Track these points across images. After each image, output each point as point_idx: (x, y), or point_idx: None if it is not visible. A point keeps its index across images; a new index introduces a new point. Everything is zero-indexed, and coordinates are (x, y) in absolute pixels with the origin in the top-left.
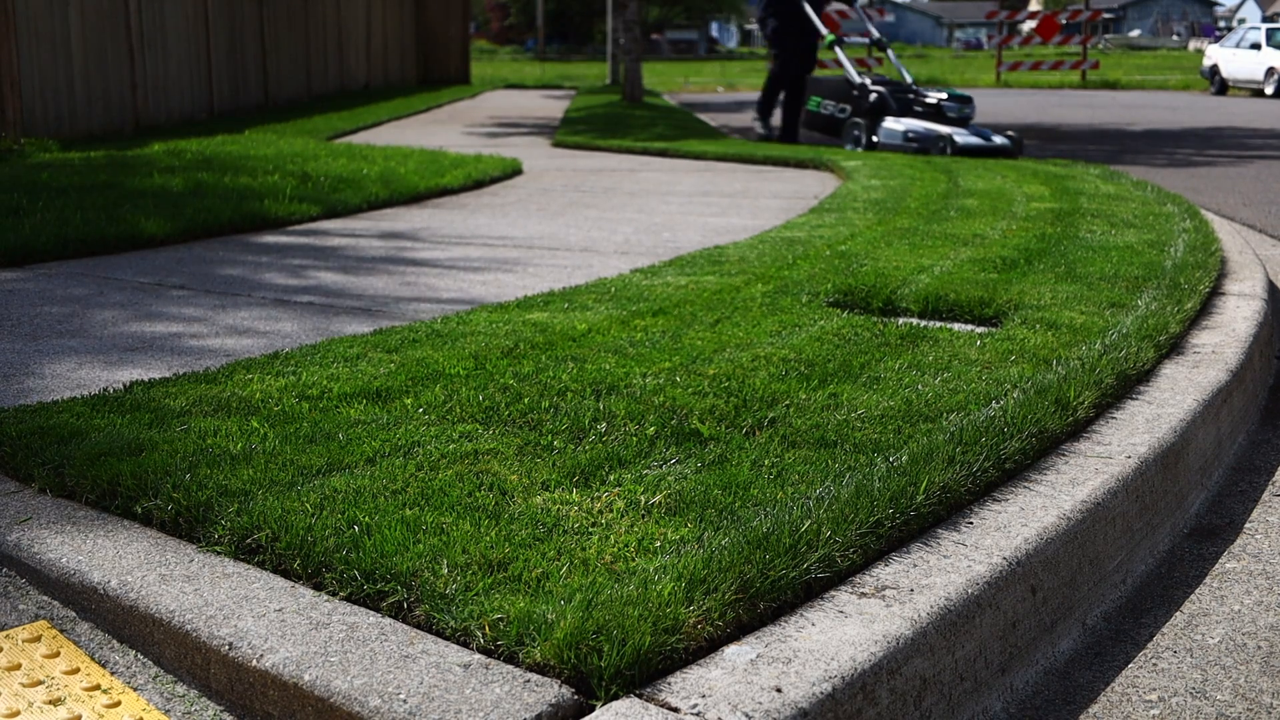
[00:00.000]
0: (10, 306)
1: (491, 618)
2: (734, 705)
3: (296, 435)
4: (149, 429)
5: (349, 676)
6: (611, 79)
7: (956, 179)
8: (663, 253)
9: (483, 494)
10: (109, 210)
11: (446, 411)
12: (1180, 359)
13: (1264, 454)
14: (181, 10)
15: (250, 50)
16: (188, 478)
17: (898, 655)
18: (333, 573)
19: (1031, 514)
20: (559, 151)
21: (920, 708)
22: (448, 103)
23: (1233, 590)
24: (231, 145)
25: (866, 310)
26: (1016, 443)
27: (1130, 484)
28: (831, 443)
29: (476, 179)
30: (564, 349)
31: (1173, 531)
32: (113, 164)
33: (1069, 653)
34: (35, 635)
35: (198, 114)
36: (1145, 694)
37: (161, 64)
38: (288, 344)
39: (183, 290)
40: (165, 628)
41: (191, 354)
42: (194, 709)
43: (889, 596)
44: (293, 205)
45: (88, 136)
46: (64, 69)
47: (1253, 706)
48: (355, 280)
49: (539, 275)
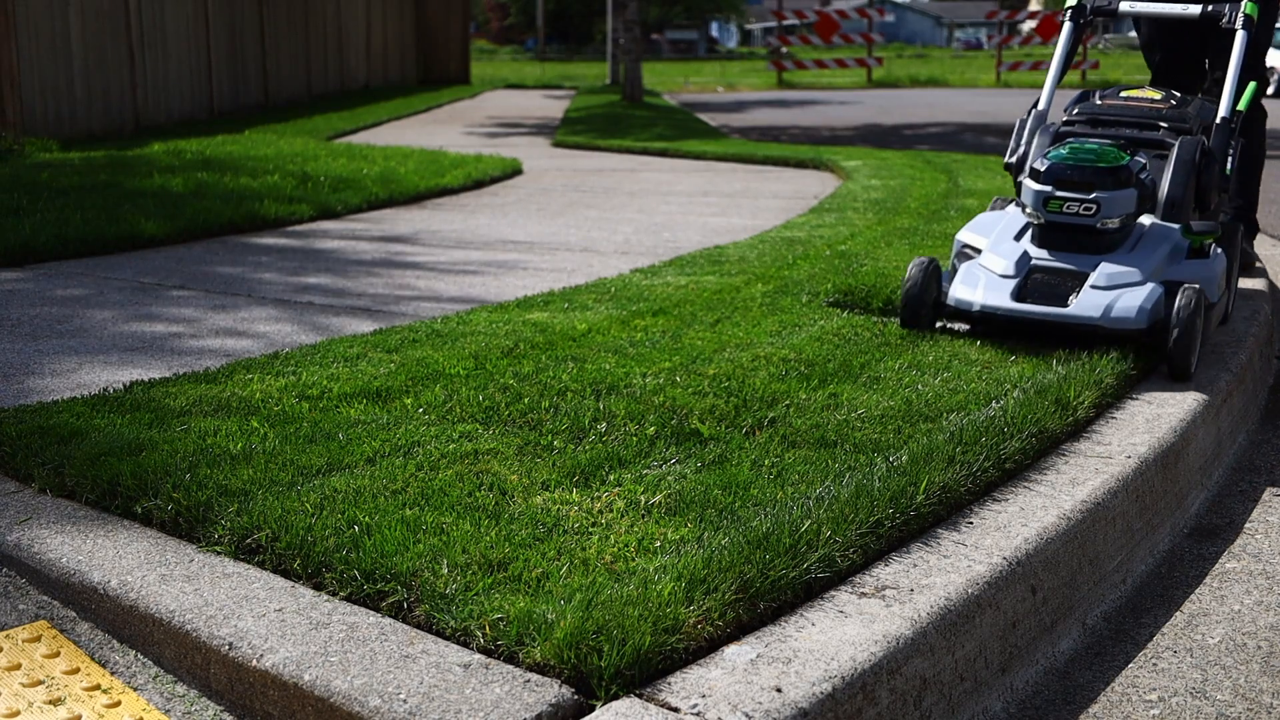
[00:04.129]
0: (10, 306)
1: (491, 618)
2: (734, 705)
3: (296, 435)
4: (149, 429)
5: (349, 676)
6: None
7: (956, 179)
8: (663, 253)
9: (483, 494)
10: (109, 210)
11: (446, 411)
12: None
13: (1264, 454)
14: (181, 10)
15: (250, 50)
16: (188, 478)
17: (898, 655)
18: (333, 573)
19: (1031, 514)
20: (559, 151)
21: (920, 708)
22: (448, 103)
23: (1233, 590)
24: (231, 145)
25: (866, 310)
26: (1016, 442)
27: (1130, 484)
28: (831, 443)
29: (476, 179)
30: (564, 349)
31: (1173, 531)
32: (113, 164)
33: (1069, 653)
34: (35, 635)
35: (198, 114)
36: (1145, 694)
37: (161, 64)
38: (288, 344)
39: (183, 290)
40: (165, 628)
41: (191, 354)
42: (194, 709)
43: (889, 596)
44: (293, 205)
45: (88, 136)
46: (64, 69)
47: (1253, 706)
48: (355, 280)
49: (539, 275)
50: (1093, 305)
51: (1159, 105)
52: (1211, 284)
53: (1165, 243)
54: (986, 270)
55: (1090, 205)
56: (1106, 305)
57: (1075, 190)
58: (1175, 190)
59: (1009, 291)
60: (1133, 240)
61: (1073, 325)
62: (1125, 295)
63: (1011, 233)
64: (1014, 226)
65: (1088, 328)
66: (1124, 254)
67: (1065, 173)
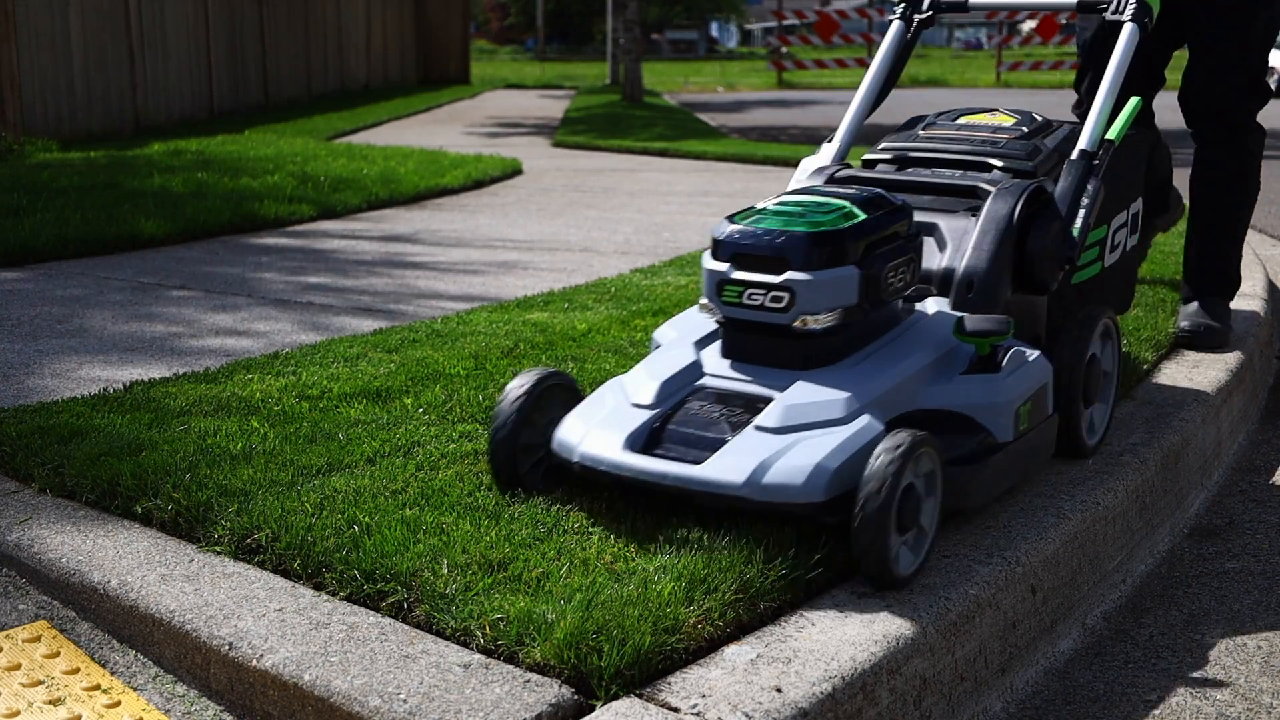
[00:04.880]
0: (10, 306)
1: (491, 618)
2: (734, 705)
3: (296, 435)
4: (149, 429)
5: (349, 676)
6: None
7: None
8: (663, 253)
9: (482, 494)
10: (109, 210)
11: (446, 411)
12: (1180, 358)
13: (1264, 454)
14: (181, 10)
15: (250, 50)
16: (188, 478)
17: (898, 655)
18: (333, 573)
19: (1031, 513)
20: (559, 151)
21: (920, 708)
22: (448, 103)
23: (1233, 590)
24: (231, 145)
25: None
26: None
27: (1130, 484)
28: None
29: (476, 179)
30: (564, 349)
31: (1173, 531)
32: (113, 164)
33: (1069, 653)
34: (35, 635)
35: (198, 114)
36: (1145, 694)
37: (161, 64)
38: (288, 344)
39: (183, 290)
40: (165, 628)
41: (191, 354)
42: (194, 709)
43: (889, 596)
44: (292, 205)
45: (88, 136)
46: (64, 69)
47: (1253, 706)
48: (355, 280)
49: (539, 275)
50: (735, 465)
51: (1001, 135)
52: (1000, 414)
53: (922, 349)
54: (620, 395)
55: (780, 294)
56: (759, 464)
57: (758, 270)
58: (977, 262)
59: (626, 434)
60: (877, 345)
61: (705, 496)
62: (799, 447)
63: (700, 331)
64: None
65: (728, 499)
66: (841, 369)
67: (744, 244)
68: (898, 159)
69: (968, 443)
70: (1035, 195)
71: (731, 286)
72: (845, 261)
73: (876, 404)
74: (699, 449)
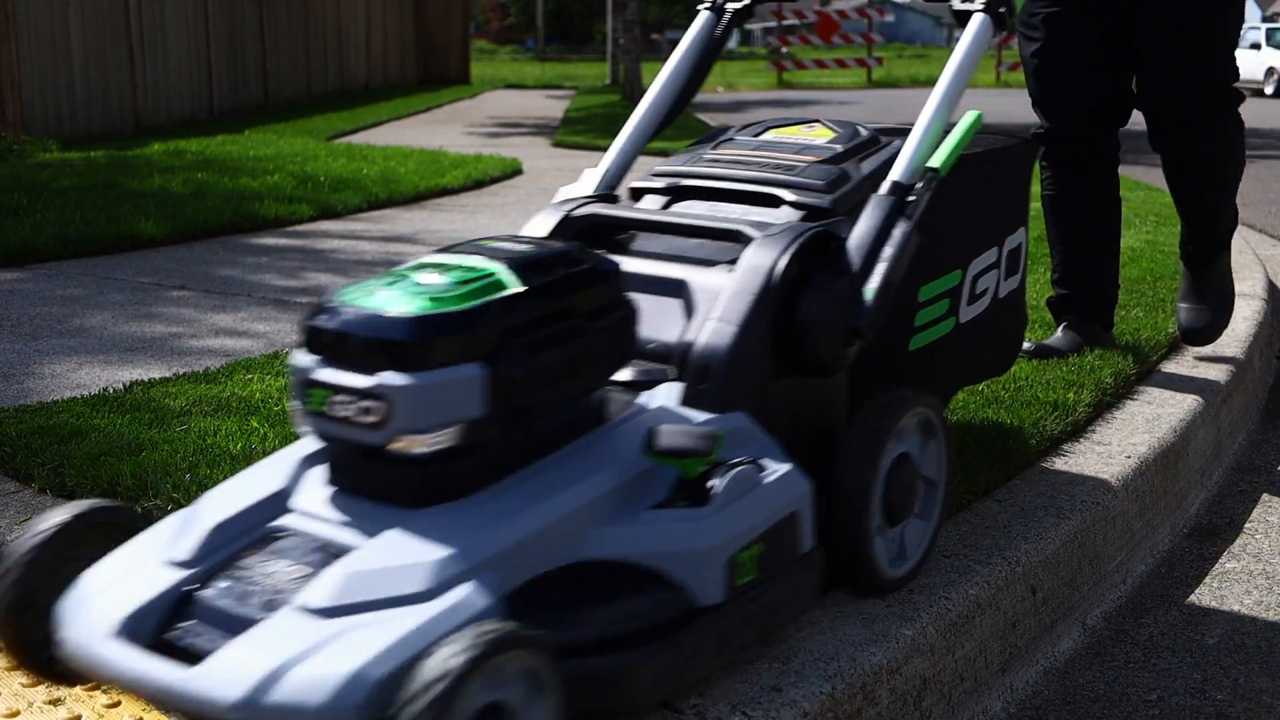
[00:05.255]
0: (10, 306)
1: None
2: (734, 705)
3: (296, 435)
4: (149, 429)
5: None
6: (611, 79)
7: None
8: None
9: None
10: (109, 210)
11: None
12: (1179, 358)
13: (1264, 454)
14: (181, 10)
15: (250, 50)
16: (188, 478)
17: (898, 655)
18: None
19: (1031, 513)
20: (559, 151)
21: (920, 708)
22: (448, 103)
23: (1233, 590)
24: (231, 145)
25: None
26: (1015, 442)
27: (1130, 484)
28: None
29: (477, 179)
30: None
31: (1173, 531)
32: (113, 164)
33: (1069, 653)
34: None
35: (198, 114)
36: (1145, 694)
37: (161, 64)
38: (288, 344)
39: (182, 290)
40: None
41: (191, 354)
42: None
43: (889, 596)
44: (293, 205)
45: (88, 136)
46: (64, 69)
47: (1252, 706)
48: (355, 280)
49: None
50: (236, 671)
51: (805, 158)
52: (703, 565)
53: (601, 470)
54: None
55: (370, 403)
56: (270, 672)
57: (347, 366)
58: (716, 340)
59: (123, 614)
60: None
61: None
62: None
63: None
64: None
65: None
66: (467, 506)
67: (332, 330)
68: (671, 187)
69: (642, 612)
70: (814, 245)
71: (317, 390)
72: (464, 358)
73: (496, 563)
74: (226, 633)
